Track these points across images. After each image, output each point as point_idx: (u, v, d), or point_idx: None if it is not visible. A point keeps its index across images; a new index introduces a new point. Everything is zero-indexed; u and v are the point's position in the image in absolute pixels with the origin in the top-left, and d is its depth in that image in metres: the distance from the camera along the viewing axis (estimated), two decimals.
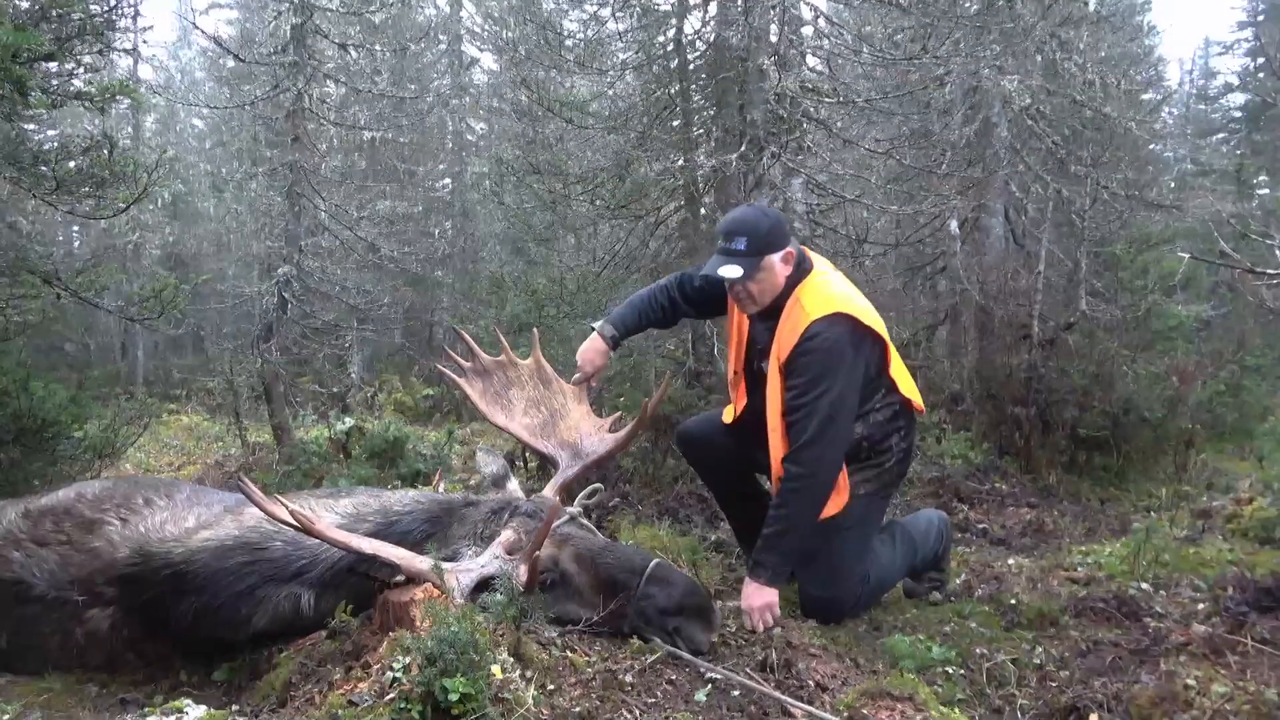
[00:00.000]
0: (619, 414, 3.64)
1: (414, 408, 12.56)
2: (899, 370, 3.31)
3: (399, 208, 13.60)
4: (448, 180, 18.44)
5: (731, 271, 3.16)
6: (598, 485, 3.37)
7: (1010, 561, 4.11)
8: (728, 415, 3.59)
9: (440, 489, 3.88)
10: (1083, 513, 5.29)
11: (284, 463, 6.39)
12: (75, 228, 19.36)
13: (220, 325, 15.56)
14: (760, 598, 3.03)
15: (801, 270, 3.24)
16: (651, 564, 2.79)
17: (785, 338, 3.15)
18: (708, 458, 3.69)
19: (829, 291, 3.19)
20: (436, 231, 17.15)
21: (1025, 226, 8.26)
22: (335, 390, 11.36)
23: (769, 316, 3.27)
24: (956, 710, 2.35)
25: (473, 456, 8.06)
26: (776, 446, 3.18)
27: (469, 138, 18.69)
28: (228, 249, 15.83)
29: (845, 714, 2.26)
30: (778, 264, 3.19)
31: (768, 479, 3.43)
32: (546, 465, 5.74)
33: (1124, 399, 6.08)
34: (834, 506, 3.19)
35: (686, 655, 2.62)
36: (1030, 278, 6.76)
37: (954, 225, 8.12)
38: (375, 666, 2.23)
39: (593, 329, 3.57)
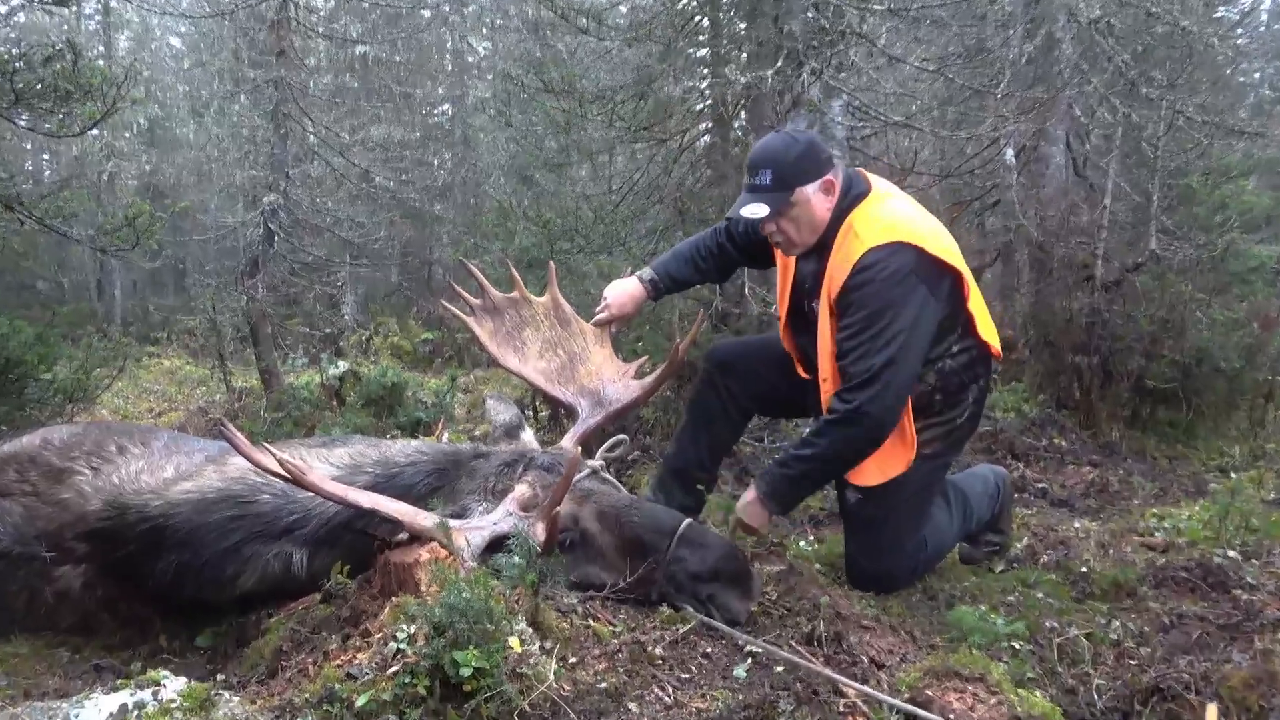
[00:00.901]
0: (645, 358, 3.51)
1: (412, 353, 12.54)
2: (978, 306, 3.14)
3: (395, 133, 13.41)
4: (447, 106, 18.18)
5: (756, 210, 3.01)
6: (621, 437, 3.28)
7: (1076, 525, 4.04)
8: None
9: (444, 439, 3.81)
10: (1150, 472, 5.21)
11: (272, 410, 6.38)
12: (45, 155, 19.23)
13: (203, 261, 15.45)
14: (749, 511, 3.03)
15: (853, 196, 3.07)
16: (683, 524, 2.72)
17: (837, 270, 2.99)
18: (747, 386, 3.54)
19: (889, 215, 3.00)
20: (435, 161, 16.95)
21: (1089, 155, 8.01)
22: (328, 332, 11.31)
23: (817, 251, 3.12)
24: (1037, 694, 2.24)
25: (476, 406, 8.06)
26: (827, 395, 3.05)
27: (470, 59, 18.37)
28: (209, 179, 15.66)
29: (907, 695, 2.16)
30: (813, 196, 3.03)
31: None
32: (563, 415, 5.80)
33: (1196, 347, 5.93)
34: (897, 464, 3.09)
35: (722, 626, 2.56)
36: (1094, 213, 6.59)
37: (1009, 154, 7.86)
38: (376, 635, 2.18)
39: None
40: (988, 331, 3.14)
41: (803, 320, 3.26)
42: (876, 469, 3.10)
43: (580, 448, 3.06)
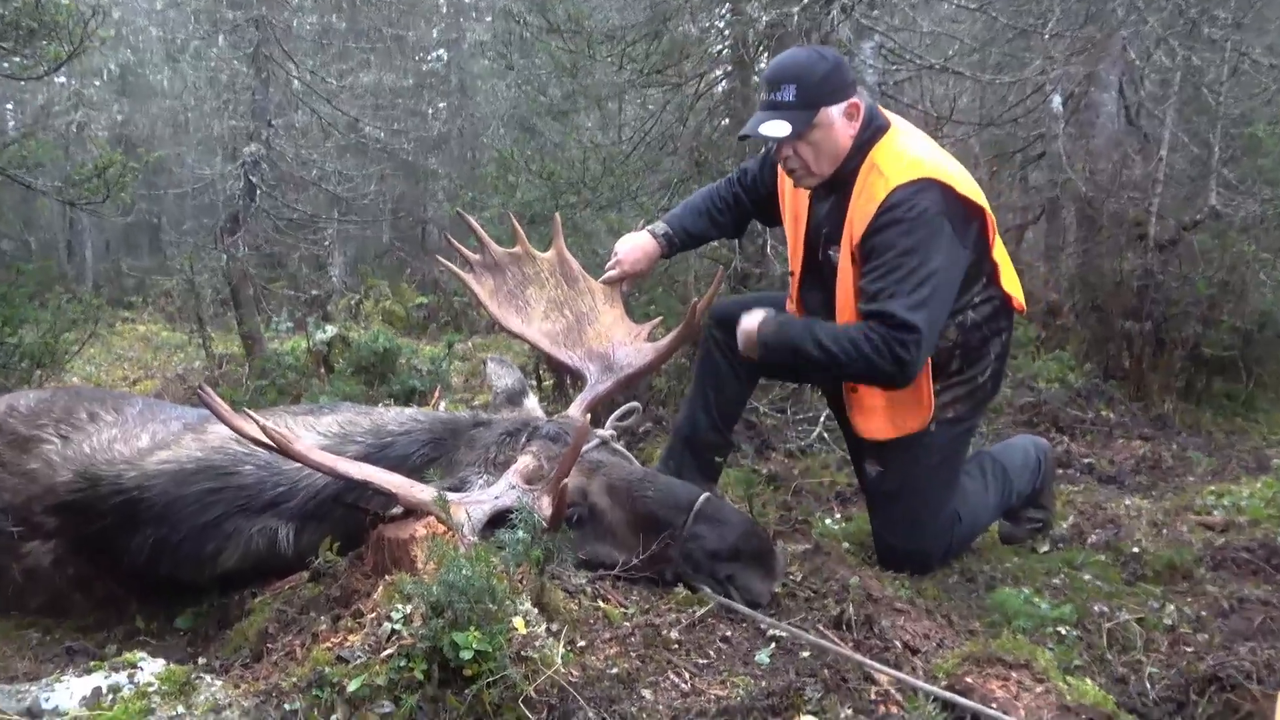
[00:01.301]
0: (659, 319, 3.48)
1: (405, 318, 12.55)
2: (1002, 255, 3.12)
3: (386, 80, 13.33)
4: (442, 51, 18.03)
5: (777, 129, 2.93)
6: (633, 404, 3.27)
7: (1126, 502, 4.04)
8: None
9: (441, 408, 3.80)
10: (1206, 446, 5.19)
11: (255, 377, 6.39)
12: (9, 105, 19.16)
13: (179, 219, 15.46)
14: (745, 335, 3.02)
15: (874, 129, 3.03)
16: (700, 499, 2.71)
17: (859, 212, 2.95)
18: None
19: (913, 152, 2.96)
20: (430, 110, 16.88)
21: (1144, 102, 7.89)
22: (314, 294, 11.30)
23: (835, 190, 3.08)
24: (1087, 681, 2.22)
25: (475, 374, 8.06)
26: (842, 317, 3.06)
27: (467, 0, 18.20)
28: (185, 129, 15.60)
29: (945, 682, 2.15)
30: (838, 119, 2.97)
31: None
32: (569, 381, 5.79)
33: (1258, 312, 5.90)
34: (911, 421, 3.08)
35: (743, 608, 2.55)
36: (1148, 165, 6.54)
37: (1056, 101, 7.77)
38: (369, 616, 2.17)
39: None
40: (1011, 283, 3.12)
41: (818, 275, 3.22)
42: (887, 421, 3.09)
43: (589, 416, 3.05)
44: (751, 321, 3.05)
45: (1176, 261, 6.05)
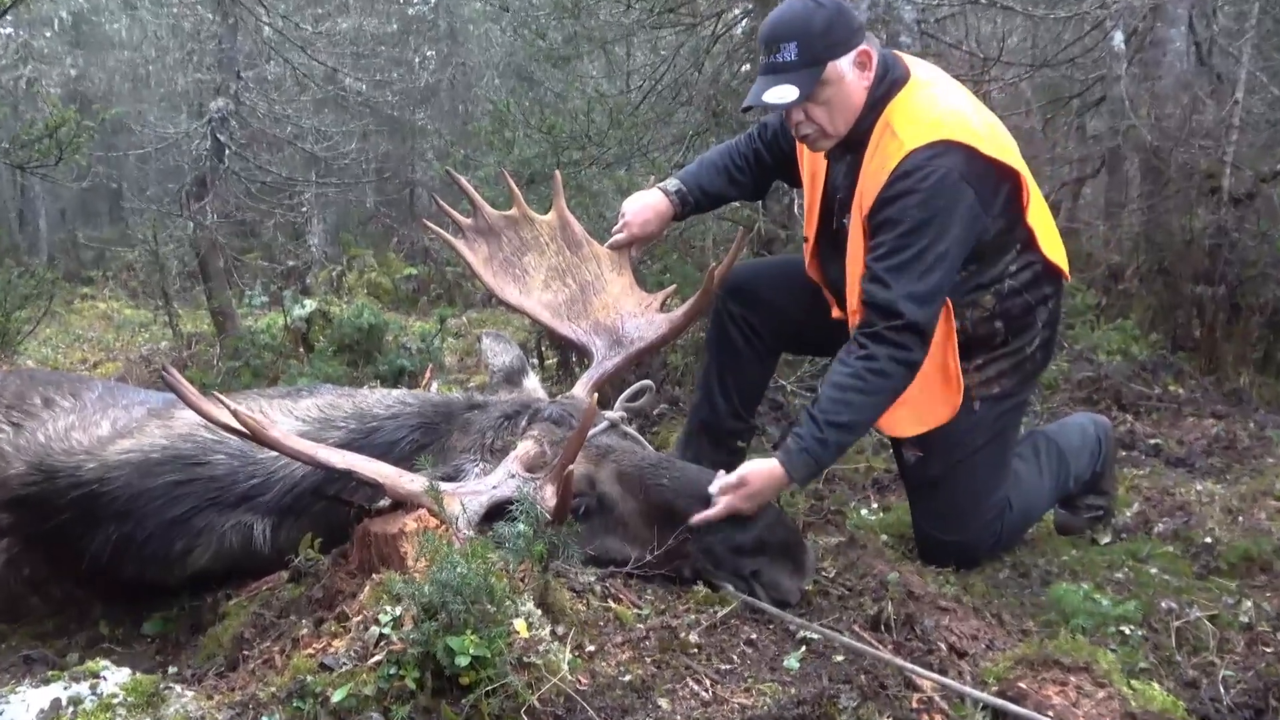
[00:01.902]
0: (673, 288, 3.49)
1: (392, 291, 12.60)
2: (1040, 217, 3.10)
3: (367, 26, 13.27)
4: None
5: (783, 94, 2.93)
6: (646, 383, 3.28)
7: (1198, 487, 4.02)
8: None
9: (433, 390, 3.81)
10: None
11: (227, 358, 6.44)
12: None
13: (141, 184, 15.46)
14: (758, 480, 2.73)
15: (889, 82, 3.02)
16: None
17: (870, 178, 2.96)
18: (768, 317, 3.51)
19: (933, 108, 2.95)
20: (417, 60, 16.80)
21: (1216, 39, 7.82)
22: (291, 266, 11.33)
23: (850, 149, 3.08)
24: (1153, 686, 2.23)
25: (470, 354, 8.09)
26: (852, 296, 3.05)
27: None
28: (146, 83, 15.62)
29: (995, 688, 2.15)
30: (849, 71, 2.96)
31: None
32: (574, 358, 5.80)
33: None
34: (940, 410, 3.08)
35: (770, 608, 2.58)
36: (1222, 110, 6.45)
37: (1118, 39, 7.69)
38: (355, 619, 2.19)
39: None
40: (1052, 248, 3.11)
41: (832, 244, 3.22)
42: (912, 415, 3.08)
43: (596, 396, 3.04)
44: (769, 474, 2.80)
45: (1253, 217, 5.99)
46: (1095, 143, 8.54)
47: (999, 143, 2.94)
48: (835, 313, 3.35)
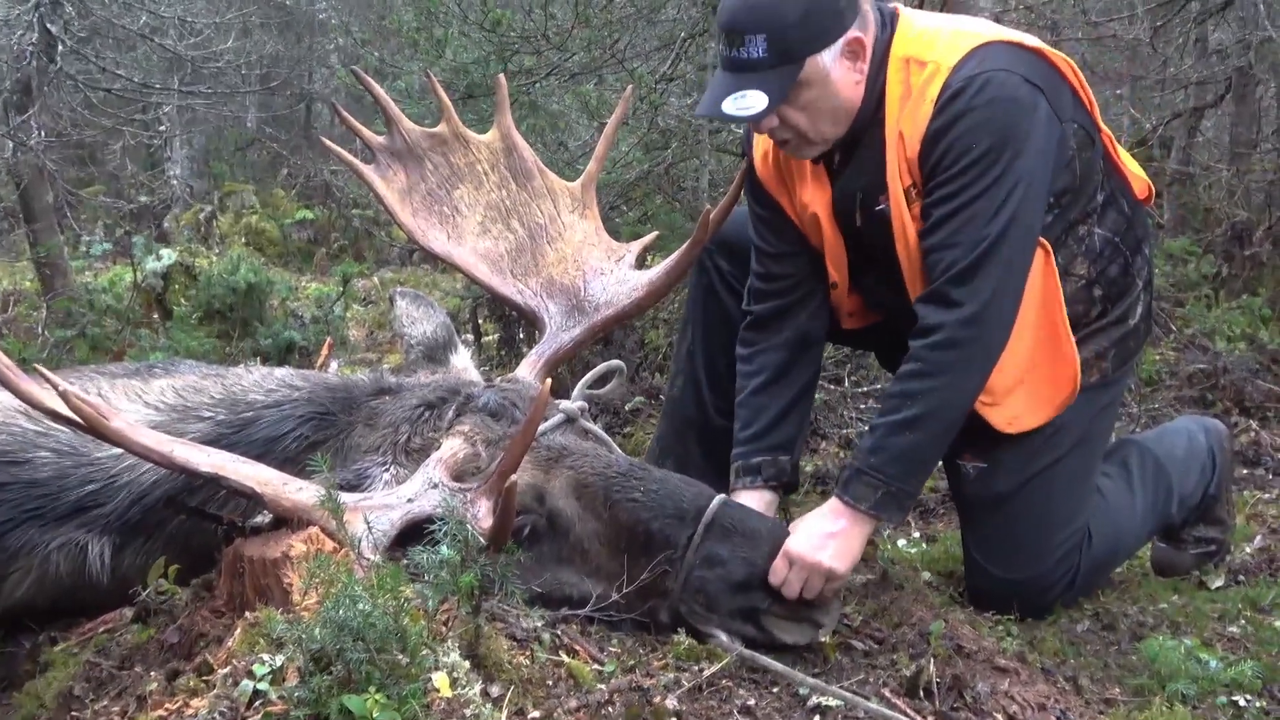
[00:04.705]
0: (653, 236, 3.49)
1: (280, 241, 12.58)
2: (1111, 140, 3.25)
3: None
4: None
5: (747, 104, 2.95)
6: (615, 363, 3.30)
7: None
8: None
9: (331, 371, 3.81)
10: None
11: (56, 325, 6.40)
12: None
13: None
14: (835, 541, 2.82)
15: (885, 39, 3.11)
16: (714, 504, 2.76)
17: (911, 122, 3.03)
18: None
19: (948, 23, 3.13)
20: None
21: None
22: (144, 203, 11.25)
23: (857, 141, 3.16)
24: None
25: (382, 326, 8.09)
26: (915, 288, 3.11)
27: None
28: None
29: None
30: (834, 67, 3.03)
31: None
32: (520, 329, 5.78)
33: None
34: (1059, 390, 3.12)
35: (775, 665, 2.58)
36: None
37: None
38: (221, 671, 2.19)
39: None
40: (1131, 164, 3.27)
41: (867, 253, 3.27)
42: (1030, 400, 3.13)
43: (548, 380, 3.02)
44: (841, 546, 2.85)
45: None
46: (1219, 60, 8.56)
47: (1032, 39, 3.09)
48: (848, 323, 3.48)
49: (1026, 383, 3.11)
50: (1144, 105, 8.61)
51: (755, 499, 3.29)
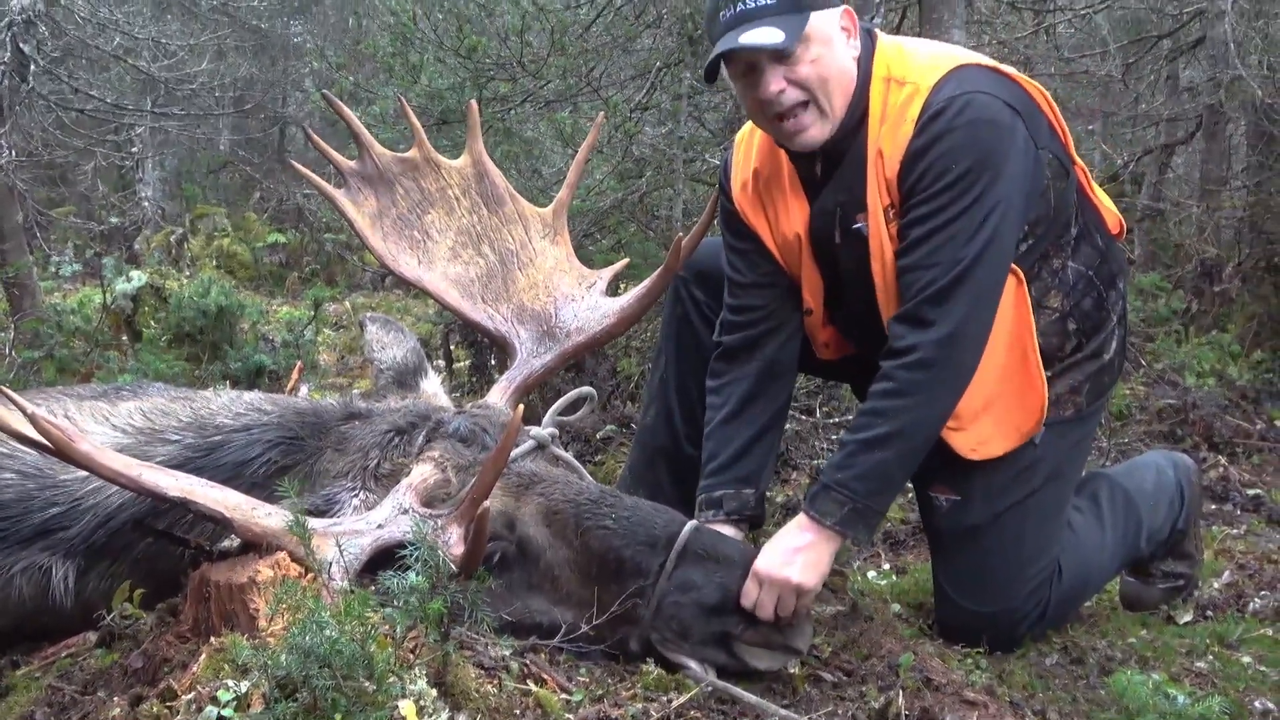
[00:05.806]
0: (624, 263, 3.51)
1: (251, 265, 12.57)
2: (1085, 174, 3.31)
3: None
4: None
5: (767, 35, 2.96)
6: (586, 390, 3.29)
7: None
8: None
9: (301, 396, 3.81)
10: None
11: (24, 346, 6.37)
12: None
13: None
14: (802, 555, 2.86)
15: (865, 53, 3.16)
16: (685, 531, 2.78)
17: (891, 141, 3.07)
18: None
19: (924, 46, 3.21)
20: None
21: None
22: (115, 224, 11.21)
23: (837, 154, 3.17)
24: None
25: (353, 351, 8.08)
26: (889, 309, 3.14)
27: None
28: None
29: None
30: (836, 34, 3.07)
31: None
32: (491, 355, 5.78)
33: None
34: (1026, 418, 3.15)
35: (745, 695, 2.58)
36: None
37: None
38: (185, 697, 2.17)
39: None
40: (1102, 197, 3.32)
41: (842, 276, 3.30)
42: (997, 426, 3.15)
43: (520, 407, 3.03)
44: (807, 559, 2.89)
45: None
46: (1190, 98, 8.65)
47: (1006, 67, 3.15)
48: (823, 353, 3.51)
49: (993, 409, 3.14)
50: (1115, 141, 8.71)
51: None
